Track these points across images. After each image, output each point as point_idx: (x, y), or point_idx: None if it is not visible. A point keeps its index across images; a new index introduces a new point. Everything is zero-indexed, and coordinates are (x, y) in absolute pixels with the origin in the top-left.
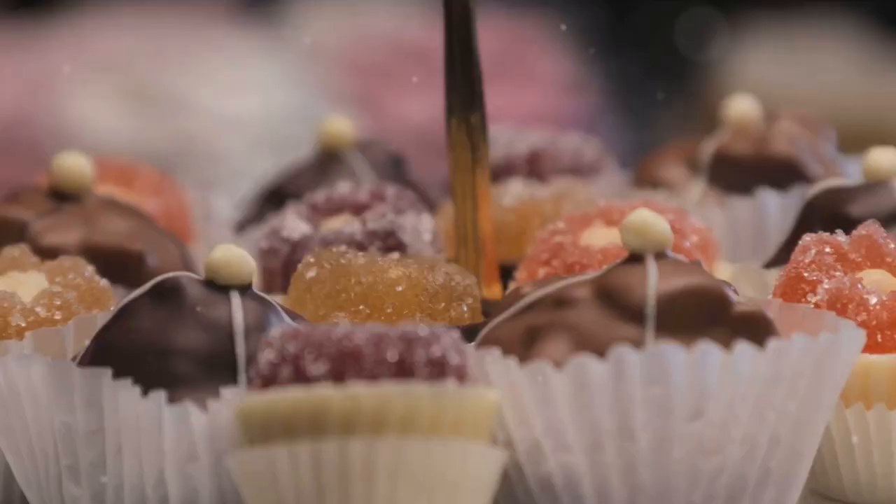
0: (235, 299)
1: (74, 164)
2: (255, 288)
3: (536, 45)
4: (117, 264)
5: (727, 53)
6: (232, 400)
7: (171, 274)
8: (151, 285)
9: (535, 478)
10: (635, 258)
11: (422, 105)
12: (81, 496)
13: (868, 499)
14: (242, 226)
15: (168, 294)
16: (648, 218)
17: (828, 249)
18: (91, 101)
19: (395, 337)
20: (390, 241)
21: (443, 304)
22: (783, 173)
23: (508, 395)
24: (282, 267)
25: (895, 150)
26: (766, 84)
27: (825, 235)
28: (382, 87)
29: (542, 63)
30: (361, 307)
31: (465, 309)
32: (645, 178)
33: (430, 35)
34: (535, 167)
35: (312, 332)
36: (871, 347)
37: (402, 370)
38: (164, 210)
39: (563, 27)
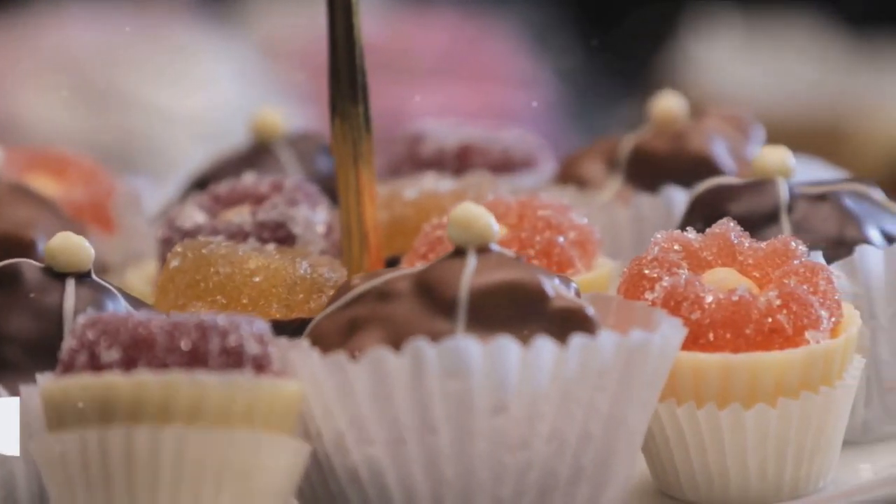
0: (70, 286)
1: None
2: (95, 275)
3: (491, 42)
4: (8, 252)
5: (687, 50)
6: (43, 385)
7: (10, 260)
8: None
9: (343, 469)
10: (459, 252)
11: (375, 101)
12: None
13: (705, 497)
14: (162, 215)
15: (5, 280)
16: (472, 212)
17: (676, 247)
18: (41, 96)
19: (190, 325)
20: (280, 233)
21: (301, 296)
22: (697, 171)
23: (312, 386)
24: None
25: (784, 148)
26: (727, 80)
27: (676, 233)
28: None
29: (497, 59)
30: (218, 297)
31: (325, 300)
32: (566, 175)
33: (385, 33)
34: (464, 161)
35: (112, 319)
36: (703, 346)
37: (195, 359)
38: (90, 199)
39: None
